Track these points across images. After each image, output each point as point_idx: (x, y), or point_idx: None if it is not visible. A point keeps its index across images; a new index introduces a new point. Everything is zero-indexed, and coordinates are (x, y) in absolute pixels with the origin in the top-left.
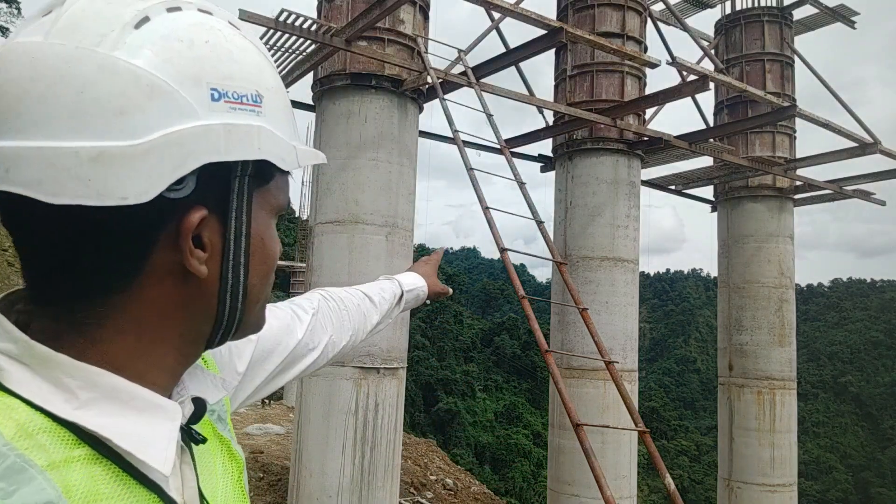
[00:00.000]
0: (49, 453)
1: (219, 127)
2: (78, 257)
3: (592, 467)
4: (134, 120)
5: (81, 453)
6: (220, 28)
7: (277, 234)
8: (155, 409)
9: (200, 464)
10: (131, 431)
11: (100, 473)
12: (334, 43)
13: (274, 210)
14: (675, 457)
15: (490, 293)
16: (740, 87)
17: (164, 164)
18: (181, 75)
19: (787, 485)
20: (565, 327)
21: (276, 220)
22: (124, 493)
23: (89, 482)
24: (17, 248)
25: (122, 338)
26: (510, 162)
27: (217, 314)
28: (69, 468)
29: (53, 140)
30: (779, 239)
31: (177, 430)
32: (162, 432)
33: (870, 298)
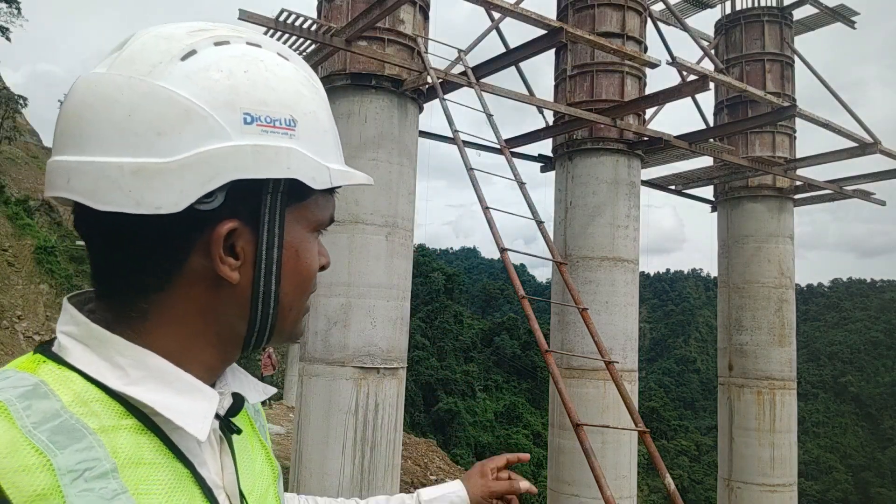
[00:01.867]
0: (101, 419)
1: (248, 147)
2: (124, 258)
3: (592, 467)
4: (171, 140)
5: (129, 423)
6: (264, 59)
7: (323, 248)
8: (195, 391)
9: (240, 459)
10: (172, 405)
11: (144, 442)
12: (334, 43)
13: (312, 225)
14: (675, 457)
15: (490, 293)
16: (740, 87)
17: (195, 179)
18: (217, 101)
19: (787, 485)
20: (565, 327)
21: (316, 234)
22: (163, 463)
23: (134, 448)
24: (86, 249)
25: (162, 331)
26: (510, 162)
27: (250, 318)
28: (117, 434)
29: (105, 156)
30: (779, 239)
31: (213, 410)
32: (200, 409)
33: (870, 298)
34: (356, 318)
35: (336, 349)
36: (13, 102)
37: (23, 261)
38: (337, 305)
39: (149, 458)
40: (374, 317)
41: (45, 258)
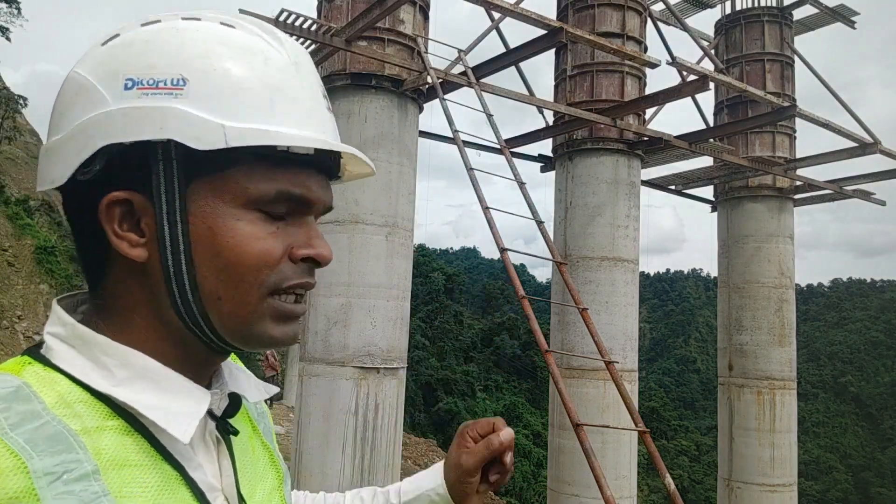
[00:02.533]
0: (84, 420)
1: (117, 112)
2: (75, 245)
3: (592, 467)
4: (66, 117)
5: (114, 424)
6: (186, 27)
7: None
8: (183, 391)
9: (240, 461)
10: (158, 405)
11: (130, 444)
12: (334, 43)
13: (240, 199)
14: (675, 457)
15: (490, 293)
16: (740, 87)
17: (73, 150)
18: (104, 73)
19: (787, 485)
20: (565, 327)
21: (256, 212)
22: (150, 464)
23: (119, 449)
24: None
25: (126, 326)
26: (510, 162)
27: (174, 308)
28: (101, 435)
29: (49, 140)
30: (779, 239)
31: (201, 411)
32: (186, 409)
33: (870, 298)
34: (356, 318)
35: (336, 349)
36: (13, 102)
37: (23, 261)
38: (337, 305)
39: (134, 460)
40: (374, 317)
41: (45, 258)
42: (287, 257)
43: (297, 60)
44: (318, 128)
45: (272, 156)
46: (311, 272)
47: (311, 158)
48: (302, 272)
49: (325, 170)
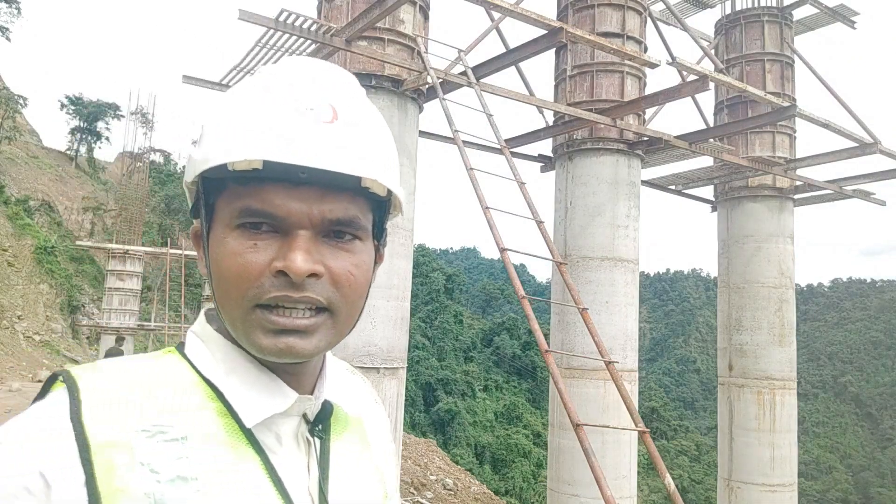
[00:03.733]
0: (190, 398)
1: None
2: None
3: (592, 467)
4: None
5: (214, 406)
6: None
7: (238, 244)
8: (266, 388)
9: (337, 468)
10: (241, 394)
11: (221, 423)
12: (334, 43)
13: (226, 221)
14: (675, 457)
15: (490, 293)
16: (740, 87)
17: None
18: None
19: (787, 485)
20: (565, 327)
21: (237, 229)
22: (236, 444)
23: (210, 426)
24: None
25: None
26: (510, 162)
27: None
28: (201, 412)
29: None
30: (779, 239)
31: (277, 407)
32: (262, 403)
33: (870, 298)
34: None
35: (336, 349)
36: (13, 102)
37: (23, 261)
38: None
39: (221, 438)
40: (373, 317)
41: (45, 258)
42: (268, 270)
43: (270, 84)
44: (275, 143)
45: (239, 178)
46: (297, 286)
47: (276, 173)
48: (282, 285)
49: (323, 181)
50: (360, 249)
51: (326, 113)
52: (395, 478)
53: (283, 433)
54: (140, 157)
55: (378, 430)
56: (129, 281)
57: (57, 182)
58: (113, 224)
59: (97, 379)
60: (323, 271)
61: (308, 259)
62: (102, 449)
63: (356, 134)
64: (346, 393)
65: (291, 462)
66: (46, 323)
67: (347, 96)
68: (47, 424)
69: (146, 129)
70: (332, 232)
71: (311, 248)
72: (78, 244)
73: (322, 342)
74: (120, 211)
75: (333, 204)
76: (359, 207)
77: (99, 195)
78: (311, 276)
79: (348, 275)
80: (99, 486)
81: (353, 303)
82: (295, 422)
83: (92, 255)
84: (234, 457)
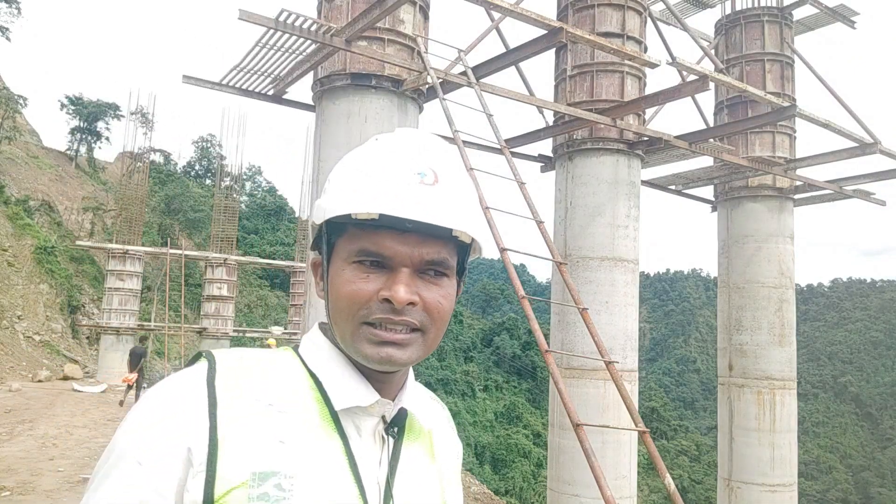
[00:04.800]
0: (296, 384)
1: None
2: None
3: (592, 467)
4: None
5: (314, 394)
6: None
7: (353, 275)
8: (355, 386)
9: (405, 470)
10: (335, 386)
11: (317, 408)
12: (334, 43)
13: (344, 256)
14: (675, 457)
15: (490, 293)
16: (740, 87)
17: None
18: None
19: (787, 485)
20: (565, 327)
21: (352, 263)
22: (326, 425)
23: (307, 407)
24: None
25: (335, 335)
26: (510, 162)
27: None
28: (304, 396)
29: None
30: (779, 239)
31: (362, 401)
32: (350, 396)
33: (870, 298)
34: None
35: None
36: (13, 102)
37: (23, 261)
38: None
39: (313, 419)
40: None
41: (45, 258)
42: (376, 297)
43: (387, 150)
44: (390, 200)
45: (359, 224)
46: (398, 311)
47: (388, 222)
48: (386, 310)
49: (423, 230)
50: (447, 284)
51: (430, 177)
52: (457, 499)
53: (363, 427)
54: (140, 157)
55: (447, 449)
56: (129, 281)
57: (57, 182)
58: (113, 224)
59: (229, 358)
60: (418, 301)
61: (408, 291)
62: (226, 407)
63: (451, 194)
64: (423, 409)
65: (367, 452)
66: (46, 323)
67: (447, 163)
68: (189, 383)
69: (146, 129)
70: (427, 270)
71: (410, 282)
72: (78, 244)
73: (414, 354)
74: (120, 211)
75: (430, 248)
76: (448, 251)
77: (99, 195)
78: (409, 305)
79: (438, 304)
80: (218, 434)
81: (440, 326)
82: (374, 420)
83: (92, 255)
84: (323, 434)
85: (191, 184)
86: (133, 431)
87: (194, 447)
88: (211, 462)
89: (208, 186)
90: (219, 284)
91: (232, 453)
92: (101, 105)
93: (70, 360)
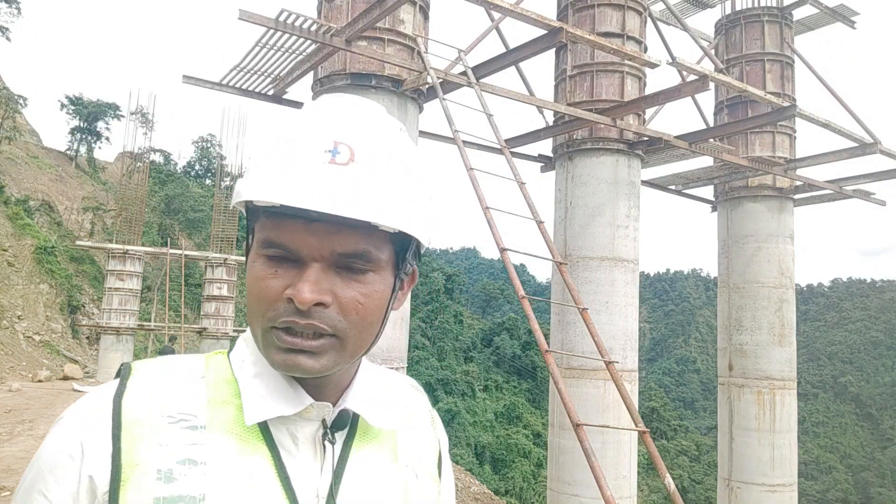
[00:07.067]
0: (220, 393)
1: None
2: None
3: (592, 467)
4: None
5: (239, 403)
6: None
7: (262, 270)
8: (282, 393)
9: (354, 475)
10: (256, 394)
11: (241, 419)
12: (334, 43)
13: (256, 246)
14: (675, 457)
15: (490, 293)
16: (740, 87)
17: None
18: None
19: (787, 485)
20: (565, 327)
21: (264, 256)
22: (250, 438)
23: (230, 420)
24: None
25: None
26: (510, 162)
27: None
28: (226, 406)
29: None
30: (779, 239)
31: (285, 411)
32: (270, 406)
33: (870, 298)
34: None
35: None
36: (13, 102)
37: (23, 261)
38: None
39: (237, 431)
40: None
41: (45, 258)
42: (283, 297)
43: (307, 121)
44: (289, 186)
45: (267, 211)
46: (304, 313)
47: (293, 210)
48: (291, 312)
49: (334, 219)
50: (372, 280)
51: (344, 154)
52: (430, 497)
53: (300, 434)
54: (140, 157)
55: (420, 447)
56: (129, 281)
57: (57, 182)
58: (113, 224)
59: (148, 370)
60: (330, 301)
61: (314, 289)
62: (130, 427)
63: (369, 176)
64: (381, 407)
65: (304, 462)
66: (46, 323)
67: (370, 137)
68: (96, 404)
69: (146, 129)
70: (346, 264)
71: (320, 279)
72: (78, 244)
73: (329, 362)
74: (120, 211)
75: (344, 239)
76: (372, 242)
77: (99, 195)
78: (318, 305)
79: (356, 304)
80: (122, 457)
81: (363, 329)
82: (314, 426)
83: (92, 255)
84: (246, 449)
85: (191, 184)
86: (39, 460)
87: (97, 475)
88: (114, 490)
89: (208, 186)
90: (219, 284)
91: (136, 479)
92: (101, 105)
93: (70, 360)
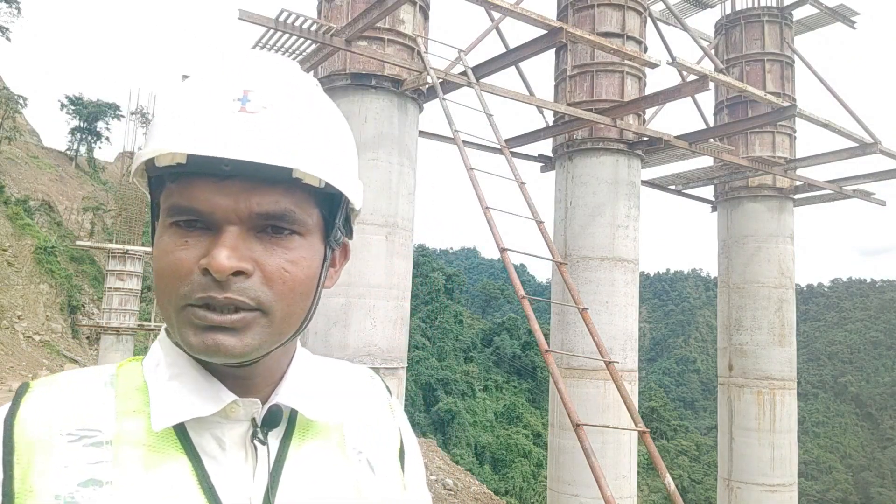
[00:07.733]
0: (130, 404)
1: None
2: None
3: (592, 467)
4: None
5: (149, 411)
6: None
7: (171, 242)
8: (201, 392)
9: (292, 471)
10: (166, 398)
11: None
12: (334, 43)
13: (162, 218)
14: (675, 457)
15: (490, 293)
16: (740, 87)
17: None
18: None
19: (787, 485)
20: (565, 327)
21: (171, 226)
22: (165, 448)
23: (140, 431)
24: None
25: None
26: (510, 162)
27: None
28: (136, 416)
29: None
30: (779, 239)
31: (205, 411)
32: (184, 408)
33: (870, 298)
34: (356, 318)
35: (336, 349)
36: (13, 102)
37: (23, 261)
38: (337, 305)
39: (151, 443)
40: (373, 317)
41: (45, 258)
42: (197, 268)
43: (203, 77)
44: (194, 135)
45: (173, 175)
46: (222, 285)
47: (200, 167)
48: (208, 285)
49: (249, 173)
50: (299, 245)
51: (255, 103)
52: (392, 492)
53: (226, 437)
54: None
55: (375, 438)
56: (129, 281)
57: (57, 182)
58: (113, 224)
59: (48, 387)
60: (251, 269)
61: (232, 256)
62: (24, 451)
63: (288, 123)
64: (323, 399)
65: (232, 467)
66: (46, 323)
67: (281, 85)
68: None
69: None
70: (269, 228)
71: (238, 244)
72: (78, 244)
73: (255, 341)
74: (120, 211)
75: (263, 197)
76: (295, 201)
77: (99, 195)
78: (238, 275)
79: (281, 272)
80: (14, 486)
81: (292, 302)
82: (243, 427)
83: (92, 255)
84: (160, 461)
85: None
86: None
87: None
88: None
89: None
90: None
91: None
92: (100, 105)
93: (70, 360)
